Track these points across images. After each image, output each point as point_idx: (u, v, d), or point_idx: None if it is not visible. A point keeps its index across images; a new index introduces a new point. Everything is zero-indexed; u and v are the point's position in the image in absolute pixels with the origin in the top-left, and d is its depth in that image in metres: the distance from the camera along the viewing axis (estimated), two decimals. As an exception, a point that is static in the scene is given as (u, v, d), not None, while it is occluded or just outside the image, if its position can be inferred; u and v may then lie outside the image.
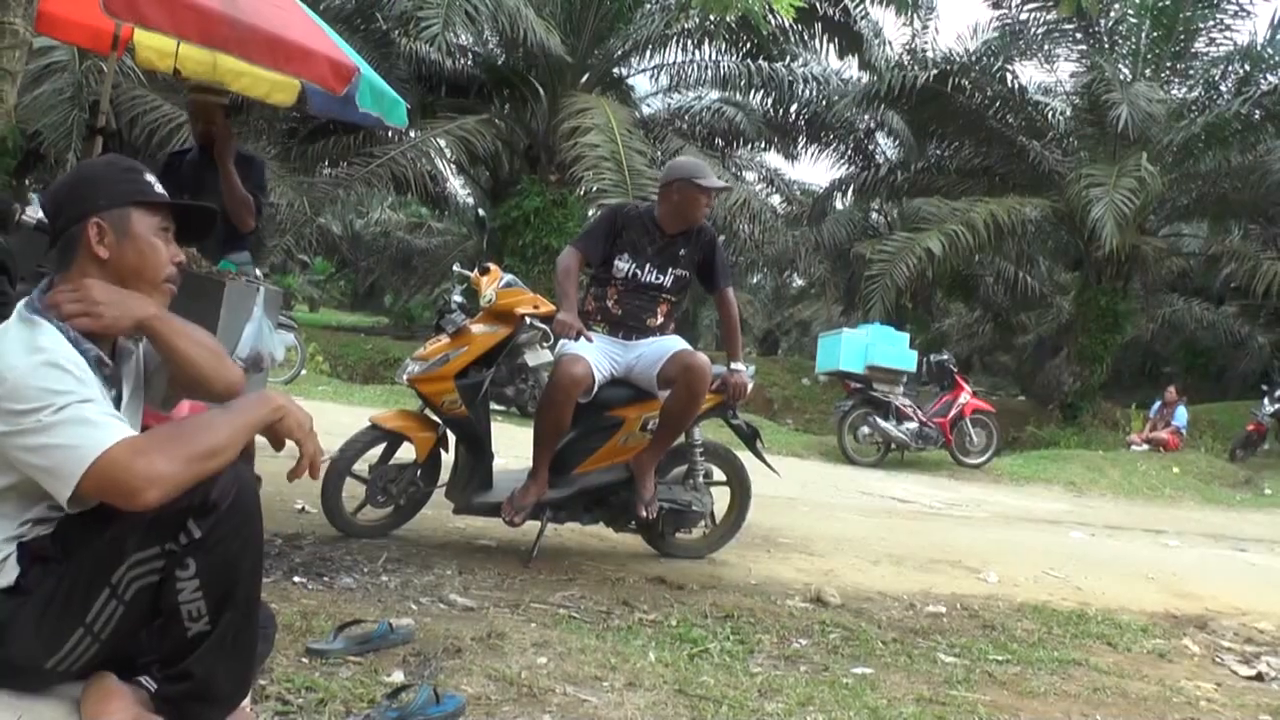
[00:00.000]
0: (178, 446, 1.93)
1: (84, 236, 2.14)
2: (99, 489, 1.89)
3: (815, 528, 6.81)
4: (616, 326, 4.88)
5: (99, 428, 1.92)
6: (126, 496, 1.88)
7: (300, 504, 5.32)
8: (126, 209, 2.17)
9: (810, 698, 3.14)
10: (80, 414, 1.92)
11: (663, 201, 4.91)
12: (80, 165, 2.27)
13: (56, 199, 2.20)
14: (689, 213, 4.85)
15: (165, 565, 2.01)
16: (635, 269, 4.86)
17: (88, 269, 2.15)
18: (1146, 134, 16.50)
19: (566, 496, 4.80)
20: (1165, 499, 12.64)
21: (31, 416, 1.91)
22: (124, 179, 2.21)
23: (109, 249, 2.15)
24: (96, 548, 2.00)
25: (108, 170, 2.23)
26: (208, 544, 2.00)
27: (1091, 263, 18.28)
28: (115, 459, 1.87)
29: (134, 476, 1.87)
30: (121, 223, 2.16)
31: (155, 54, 5.48)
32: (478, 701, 2.71)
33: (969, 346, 29.52)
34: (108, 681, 2.11)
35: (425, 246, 32.21)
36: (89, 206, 2.15)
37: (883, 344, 12.67)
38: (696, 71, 19.13)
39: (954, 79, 17.40)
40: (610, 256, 4.88)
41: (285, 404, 2.12)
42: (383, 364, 18.94)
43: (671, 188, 4.85)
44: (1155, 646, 4.60)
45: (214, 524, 1.99)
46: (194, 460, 1.93)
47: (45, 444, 1.90)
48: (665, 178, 4.96)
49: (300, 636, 3.10)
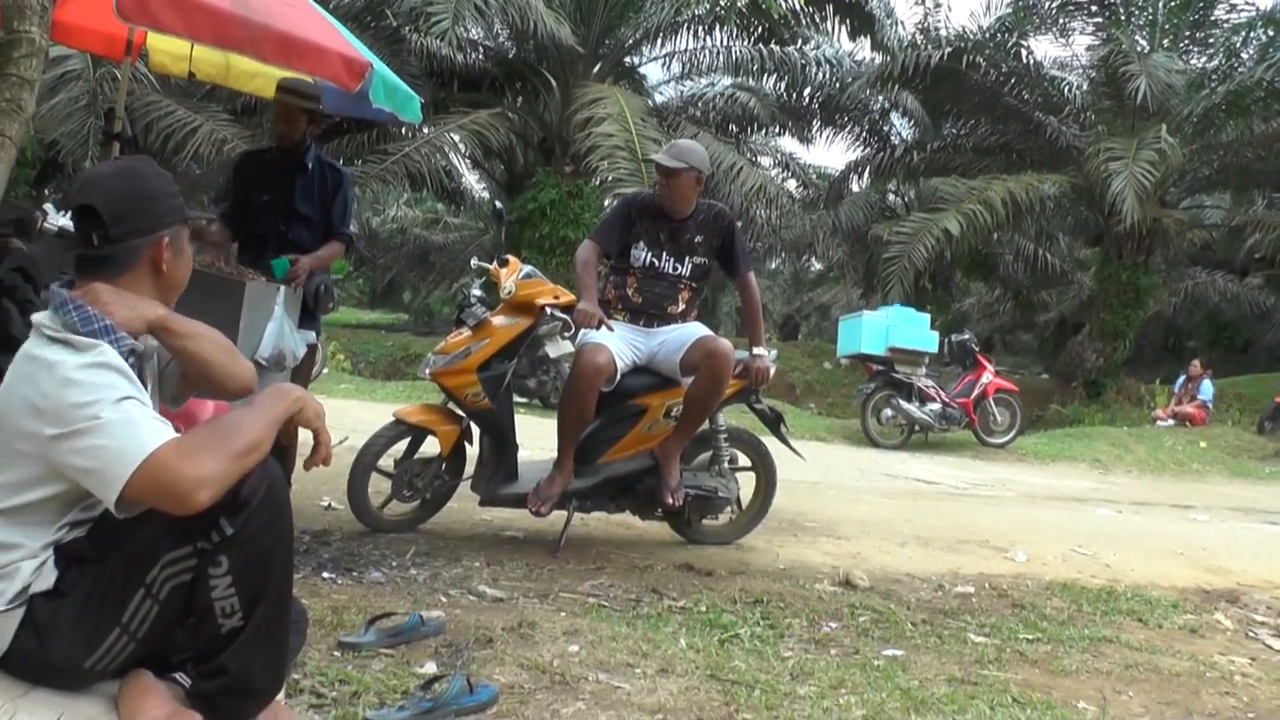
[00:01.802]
0: (219, 446, 1.94)
1: (152, 251, 2.18)
2: (147, 491, 1.89)
3: (841, 511, 6.80)
4: (637, 314, 4.88)
5: (144, 428, 1.93)
6: (178, 500, 1.89)
7: (327, 500, 5.35)
8: (180, 226, 2.25)
9: (842, 680, 3.14)
10: (128, 413, 1.94)
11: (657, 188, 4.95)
12: (132, 173, 2.23)
13: (118, 208, 2.16)
14: (664, 195, 4.85)
15: (198, 564, 2.02)
16: (651, 258, 4.87)
17: (142, 281, 2.19)
18: (1166, 105, 16.34)
19: (592, 486, 4.81)
20: (1192, 474, 12.55)
21: (82, 413, 1.92)
22: (175, 193, 2.27)
23: (168, 264, 2.21)
24: (130, 548, 2.02)
25: (163, 183, 2.26)
26: (239, 540, 2.02)
27: (1112, 238, 18.15)
28: (163, 461, 1.88)
29: (183, 479, 1.87)
30: (178, 239, 2.24)
31: (169, 58, 5.51)
32: (511, 690, 2.72)
33: (990, 326, 29.40)
34: (144, 679, 2.14)
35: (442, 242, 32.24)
36: (158, 222, 2.20)
37: (904, 325, 12.60)
38: (708, 58, 19.04)
39: (968, 56, 17.28)
40: (627, 246, 4.89)
41: (302, 395, 2.14)
42: (404, 360, 19.00)
43: (656, 176, 4.91)
44: (1186, 622, 4.58)
45: (245, 521, 2.01)
46: (236, 458, 1.95)
47: (94, 445, 1.91)
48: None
49: (332, 631, 3.12)
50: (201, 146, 13.80)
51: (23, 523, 2.02)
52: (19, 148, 2.70)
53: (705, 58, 19.06)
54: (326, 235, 5.03)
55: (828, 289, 34.57)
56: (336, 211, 5.05)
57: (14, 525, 2.02)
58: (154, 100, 14.20)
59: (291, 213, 4.90)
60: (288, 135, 4.96)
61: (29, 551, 2.02)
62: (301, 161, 4.98)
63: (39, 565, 2.02)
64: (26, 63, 2.70)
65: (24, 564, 2.02)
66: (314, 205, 4.99)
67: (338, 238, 5.07)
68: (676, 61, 19.43)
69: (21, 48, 2.69)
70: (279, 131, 5.04)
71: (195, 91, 14.64)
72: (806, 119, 21.10)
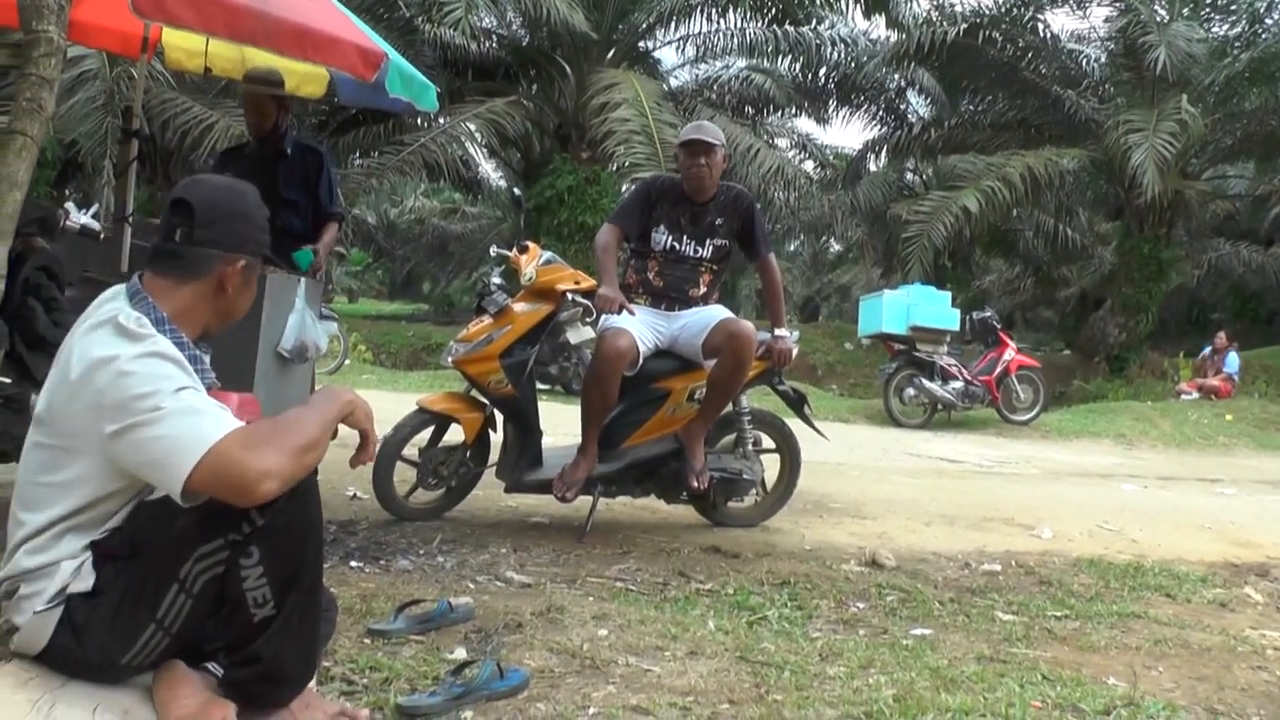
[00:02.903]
0: (283, 440, 1.96)
1: (226, 269, 2.18)
2: (212, 483, 1.90)
3: (866, 491, 6.79)
4: (659, 298, 4.87)
5: (207, 417, 1.94)
6: (245, 491, 1.90)
7: (352, 490, 5.38)
8: (258, 260, 2.27)
9: (871, 660, 3.13)
10: (189, 403, 1.95)
11: (678, 169, 4.92)
12: (239, 193, 2.26)
13: (214, 214, 2.18)
14: (687, 176, 4.82)
15: (229, 555, 2.04)
16: (673, 241, 4.85)
17: (204, 294, 2.18)
18: (1186, 75, 16.18)
19: (617, 470, 4.81)
20: (1219, 447, 12.46)
21: (142, 404, 1.93)
22: (266, 229, 2.29)
23: (233, 288, 2.21)
24: (163, 544, 2.03)
25: (260, 215, 2.29)
26: (270, 531, 2.03)
27: (1132, 211, 18.02)
28: (227, 453, 1.89)
29: (249, 470, 1.89)
30: (250, 271, 2.25)
31: (184, 54, 5.53)
32: (541, 674, 2.73)
33: (1011, 303, 29.26)
34: (177, 669, 2.16)
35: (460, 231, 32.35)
36: (243, 244, 2.21)
37: (925, 304, 12.54)
38: (723, 40, 19.00)
39: (984, 31, 17.16)
40: (647, 230, 4.87)
41: (354, 398, 2.16)
42: (425, 349, 19.07)
43: (678, 157, 4.88)
44: (1216, 596, 4.55)
45: (275, 511, 2.02)
46: (299, 453, 1.96)
47: (156, 436, 1.91)
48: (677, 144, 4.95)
49: (361, 619, 3.13)
50: (218, 142, 13.85)
51: (75, 527, 2.04)
52: (40, 147, 2.71)
53: (719, 40, 19.02)
54: (317, 218, 5.08)
55: (847, 269, 34.47)
56: (324, 192, 5.10)
57: (67, 529, 2.04)
58: (170, 97, 14.27)
59: (278, 200, 4.92)
60: (260, 125, 5.04)
61: (70, 552, 2.05)
62: (280, 148, 5.03)
63: (78, 566, 2.04)
64: (45, 62, 2.71)
65: (64, 564, 2.04)
66: (299, 189, 5.05)
67: (331, 218, 5.12)
68: (691, 45, 19.42)
69: (40, 47, 2.70)
70: (250, 123, 5.12)
71: (210, 88, 14.70)
72: (823, 99, 21.02)
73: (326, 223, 5.07)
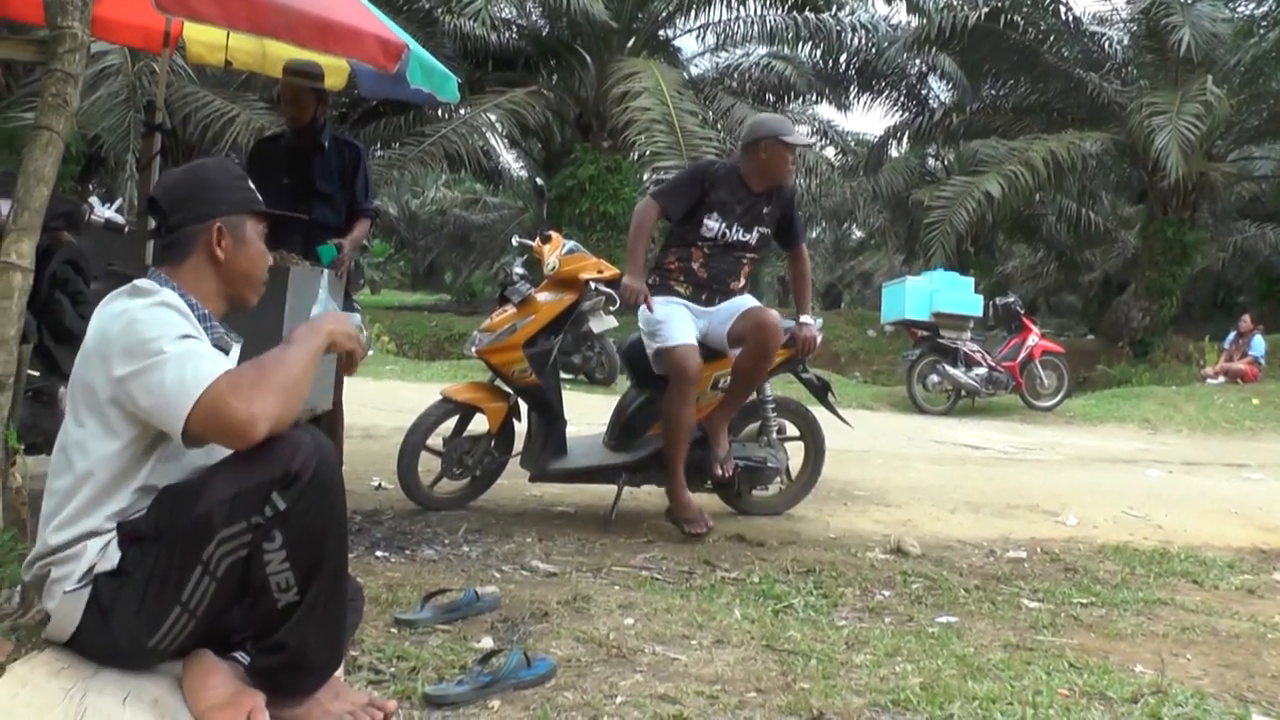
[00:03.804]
0: (268, 380, 2.04)
1: (205, 237, 2.26)
2: (207, 425, 1.99)
3: (890, 479, 6.78)
4: (701, 289, 4.82)
5: (205, 360, 2.03)
6: (237, 433, 1.99)
7: (377, 480, 5.40)
8: (244, 216, 2.32)
9: (897, 648, 3.13)
10: (189, 348, 2.04)
11: (749, 159, 4.78)
12: (196, 167, 2.37)
13: (175, 196, 2.30)
14: (776, 171, 4.76)
15: (252, 539, 2.06)
16: (725, 228, 4.77)
17: (202, 267, 2.27)
18: (1211, 55, 16.03)
19: (641, 459, 4.82)
20: (1245, 432, 12.34)
21: (148, 348, 2.02)
22: (241, 187, 2.35)
23: (225, 251, 2.27)
24: (187, 526, 2.06)
25: (225, 177, 2.35)
26: (293, 515, 2.05)
27: (1156, 194, 17.87)
28: (219, 395, 1.98)
29: (239, 413, 1.97)
30: (238, 229, 2.30)
31: (205, 48, 5.55)
32: (568, 663, 2.74)
33: (1034, 288, 29.07)
34: (206, 658, 2.19)
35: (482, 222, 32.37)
36: (212, 210, 2.28)
37: (948, 290, 12.47)
38: (743, 28, 18.95)
39: (1006, 15, 17.02)
40: (699, 216, 4.76)
41: (333, 327, 2.24)
42: (448, 340, 19.10)
43: (759, 146, 4.74)
44: (1244, 582, 4.51)
45: (298, 495, 2.05)
46: (286, 393, 2.05)
47: (159, 379, 2.00)
48: (751, 135, 4.81)
49: (387, 608, 3.15)
50: (240, 135, 13.89)
51: (96, 497, 2.09)
52: (65, 142, 2.74)
53: (740, 28, 18.98)
54: (350, 213, 5.08)
55: (869, 256, 34.34)
56: (359, 188, 5.10)
57: (89, 498, 2.09)
58: (191, 91, 14.31)
59: (313, 193, 4.93)
60: (298, 117, 5.03)
61: (95, 526, 2.09)
62: (318, 141, 5.03)
63: (104, 545, 2.08)
64: (70, 58, 2.73)
65: (90, 543, 2.08)
66: (334, 183, 5.05)
67: (363, 214, 5.12)
68: (711, 33, 19.39)
69: (65, 43, 2.72)
70: (289, 115, 5.11)
71: (231, 81, 14.74)
72: (843, 86, 20.93)
73: (358, 218, 5.07)
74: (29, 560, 2.18)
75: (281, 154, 5.09)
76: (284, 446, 2.05)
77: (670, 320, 4.61)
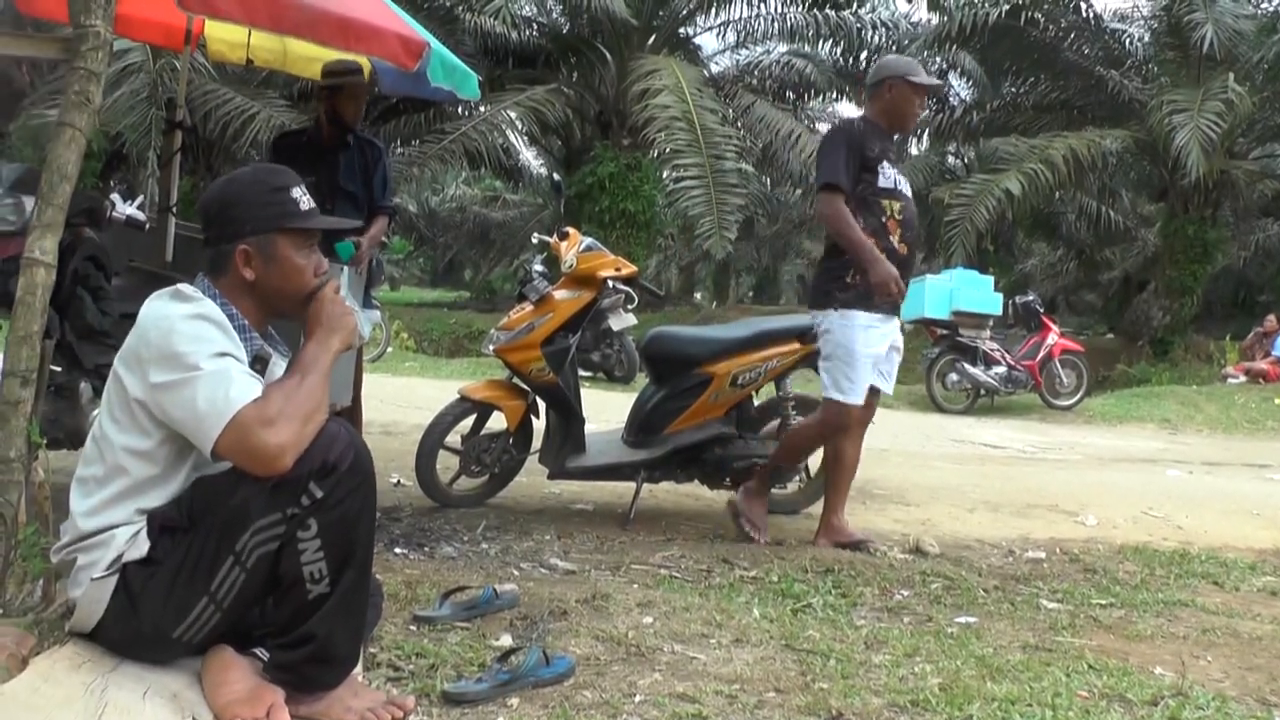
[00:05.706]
0: (295, 412, 2.04)
1: (235, 259, 2.23)
2: (233, 451, 2.01)
3: (909, 478, 6.75)
4: (904, 268, 4.39)
5: (234, 384, 2.03)
6: (265, 466, 2.01)
7: (396, 478, 5.41)
8: (272, 235, 2.25)
9: (916, 648, 3.12)
10: (223, 368, 2.05)
11: (875, 102, 4.54)
12: (228, 181, 2.33)
13: (208, 213, 2.29)
14: (903, 113, 4.52)
15: (286, 530, 2.08)
16: (897, 176, 4.43)
17: (237, 287, 2.25)
18: (1233, 52, 15.92)
19: (660, 456, 4.81)
20: (1266, 432, 12.23)
21: (183, 361, 2.03)
22: (271, 201, 2.26)
23: (255, 271, 2.24)
24: (222, 516, 2.08)
25: (254, 192, 2.27)
26: (329, 504, 2.08)
27: (1177, 192, 17.75)
28: (247, 426, 1.99)
29: (267, 446, 1.99)
30: (267, 248, 2.24)
31: (227, 46, 5.58)
32: (587, 662, 2.74)
33: (1053, 286, 28.91)
34: (226, 654, 2.20)
35: (502, 219, 32.42)
36: (237, 230, 2.23)
37: (967, 288, 12.43)
38: (763, 25, 18.96)
39: (1026, 13, 16.95)
40: (872, 172, 4.34)
41: (338, 345, 2.25)
42: (467, 337, 19.15)
43: (884, 86, 4.47)
44: (1266, 584, 4.47)
45: (335, 484, 2.08)
46: (309, 418, 2.07)
47: (191, 397, 2.02)
48: (876, 75, 4.57)
49: (406, 605, 3.16)
50: (260, 133, 13.96)
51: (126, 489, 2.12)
52: (87, 139, 2.75)
53: (760, 25, 18.98)
54: (370, 210, 5.09)
55: (888, 254, 34.14)
56: (378, 185, 5.10)
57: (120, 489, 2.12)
58: (212, 89, 14.38)
59: (336, 190, 4.94)
60: (358, 113, 5.02)
61: (125, 517, 2.11)
62: (344, 139, 5.03)
63: (134, 534, 2.11)
64: (93, 56, 2.74)
65: (119, 531, 2.11)
66: (357, 181, 5.06)
67: (382, 211, 5.13)
68: (731, 30, 19.40)
69: (88, 41, 2.73)
70: (350, 113, 5.09)
71: (252, 78, 14.81)
72: (864, 83, 20.82)
73: (376, 215, 5.08)
74: (57, 546, 2.21)
75: (306, 150, 5.09)
76: (321, 438, 2.08)
77: (865, 365, 4.38)
